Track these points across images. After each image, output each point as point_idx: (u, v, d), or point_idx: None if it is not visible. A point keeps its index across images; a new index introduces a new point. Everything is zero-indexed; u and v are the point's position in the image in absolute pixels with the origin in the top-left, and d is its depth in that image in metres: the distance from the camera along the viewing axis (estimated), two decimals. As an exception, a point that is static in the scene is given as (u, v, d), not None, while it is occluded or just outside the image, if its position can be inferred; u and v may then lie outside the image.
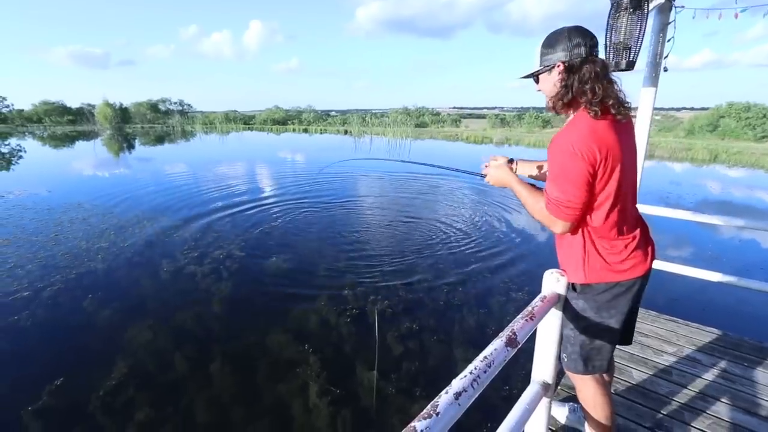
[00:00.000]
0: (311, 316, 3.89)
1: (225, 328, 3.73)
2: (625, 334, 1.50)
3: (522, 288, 4.52)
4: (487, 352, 1.08)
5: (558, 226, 1.28)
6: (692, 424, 1.96)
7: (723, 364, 2.44)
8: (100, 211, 7.72)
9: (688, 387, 2.23)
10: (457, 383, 0.96)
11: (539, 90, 1.32)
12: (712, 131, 29.17)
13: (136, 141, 26.36)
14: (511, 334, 1.19)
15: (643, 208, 2.97)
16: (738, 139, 26.56)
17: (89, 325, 3.76)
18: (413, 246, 5.92)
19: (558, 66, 1.20)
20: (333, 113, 51.66)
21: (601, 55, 2.58)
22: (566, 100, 1.22)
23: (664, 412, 2.04)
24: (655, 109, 2.75)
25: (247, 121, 45.91)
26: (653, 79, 2.67)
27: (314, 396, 2.82)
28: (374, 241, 6.22)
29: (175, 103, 47.78)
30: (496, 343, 1.12)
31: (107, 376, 3.01)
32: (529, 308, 1.33)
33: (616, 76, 1.25)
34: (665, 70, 2.63)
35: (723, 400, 2.13)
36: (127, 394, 2.84)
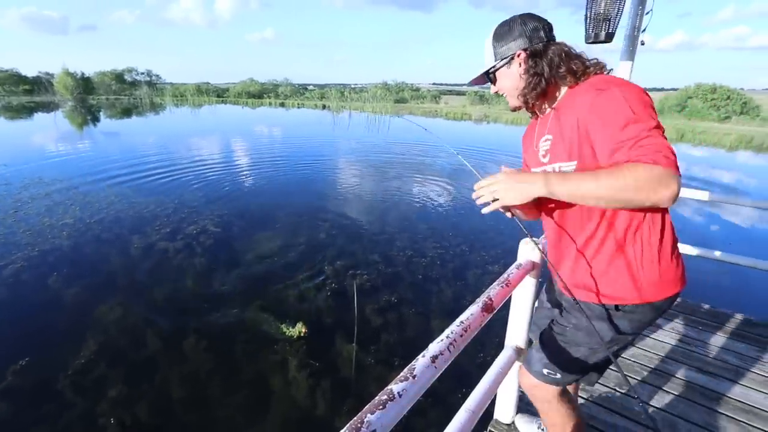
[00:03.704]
0: (290, 291, 3.88)
1: (200, 305, 3.66)
2: None
3: (498, 261, 4.63)
4: (463, 317, 1.09)
5: (673, 183, 0.81)
6: (651, 383, 2.09)
7: (680, 328, 2.60)
8: (64, 186, 7.31)
9: (649, 350, 2.37)
10: (433, 347, 0.97)
11: (497, 91, 1.13)
12: (680, 111, 30.14)
13: (101, 113, 24.90)
14: (487, 299, 1.20)
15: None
16: (703, 119, 27.57)
17: (55, 303, 3.61)
18: (392, 221, 5.93)
19: (519, 55, 1.03)
20: (311, 87, 50.20)
21: (581, 26, 2.57)
22: (540, 89, 1.03)
23: (627, 373, 2.16)
24: None
25: (220, 93, 44.02)
26: (630, 53, 2.68)
27: (293, 369, 2.84)
28: (353, 215, 6.19)
29: (143, 73, 45.20)
30: (473, 309, 1.14)
31: (76, 354, 2.92)
32: (505, 275, 1.36)
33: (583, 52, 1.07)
34: (642, 44, 2.64)
35: (679, 360, 2.28)
36: (98, 372, 2.77)
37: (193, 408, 2.53)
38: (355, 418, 0.75)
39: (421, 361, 0.92)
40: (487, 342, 3.07)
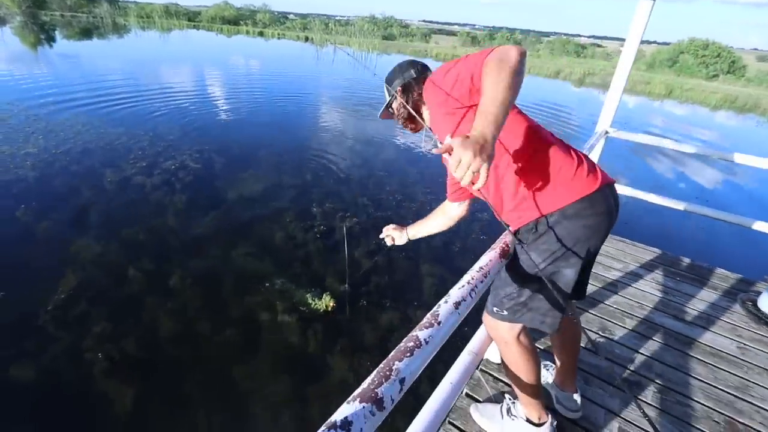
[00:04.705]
0: (277, 233, 3.79)
1: (183, 243, 3.55)
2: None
3: (488, 209, 4.63)
4: (482, 262, 1.05)
5: (507, 47, 0.95)
6: (631, 329, 2.20)
7: (660, 278, 2.72)
8: (22, 112, 6.67)
9: (630, 298, 2.48)
10: (456, 292, 0.92)
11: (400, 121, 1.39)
12: (671, 66, 29.77)
13: (57, 32, 22.37)
14: (503, 245, 1.16)
15: (614, 133, 3.02)
16: (692, 76, 27.41)
17: (26, 237, 3.42)
18: (381, 164, 5.79)
19: (398, 91, 1.30)
20: (292, 16, 46.37)
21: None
22: (409, 111, 1.29)
23: (609, 318, 2.27)
24: (619, 39, 2.63)
25: (191, 17, 40.13)
26: (653, -9, 2.49)
27: (284, 309, 2.84)
28: (341, 157, 5.99)
29: (101, -13, 40.19)
30: (491, 254, 1.09)
31: (54, 290, 2.81)
32: (518, 222, 1.31)
33: None
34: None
35: (657, 308, 2.40)
36: (80, 308, 2.69)
37: (182, 344, 2.53)
38: (382, 365, 0.71)
39: (444, 307, 0.87)
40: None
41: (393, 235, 1.63)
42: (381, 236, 1.66)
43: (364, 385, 0.66)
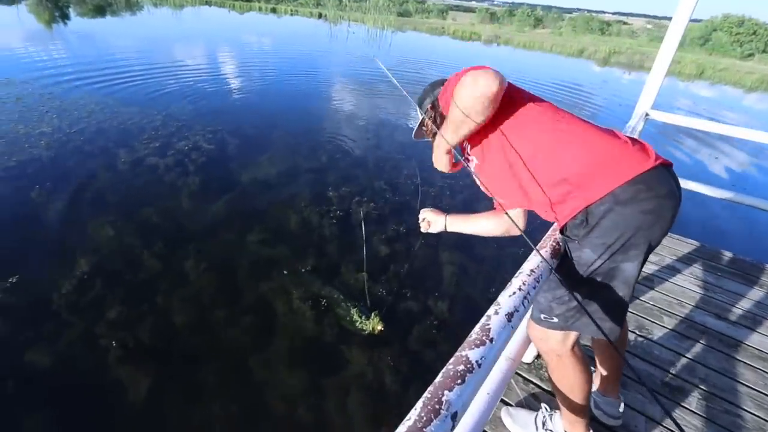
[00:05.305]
0: (291, 217, 3.69)
1: (197, 226, 3.48)
2: None
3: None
4: (532, 264, 0.90)
5: (482, 71, 0.92)
6: (669, 327, 2.05)
7: (699, 273, 2.53)
8: (37, 90, 6.64)
9: (667, 294, 2.31)
10: (506, 302, 0.78)
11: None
12: (703, 44, 28.26)
13: (71, 10, 22.28)
14: (554, 243, 1.01)
15: (655, 115, 2.80)
16: (725, 55, 25.98)
17: (41, 219, 3.39)
18: (398, 146, 5.60)
19: (429, 108, 1.31)
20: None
21: None
22: (437, 126, 1.28)
23: (646, 316, 2.11)
24: (646, 16, 2.37)
25: (203, -6, 39.49)
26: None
27: (299, 296, 2.76)
28: (356, 138, 5.83)
29: (113, -37, 39.66)
30: (542, 254, 0.95)
31: (69, 274, 2.77)
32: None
33: None
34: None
35: (698, 306, 2.23)
36: (94, 293, 2.65)
37: (196, 330, 2.47)
38: (428, 395, 0.58)
39: (495, 320, 0.74)
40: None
41: (429, 219, 1.48)
42: (419, 219, 1.53)
43: (409, 423, 0.54)
